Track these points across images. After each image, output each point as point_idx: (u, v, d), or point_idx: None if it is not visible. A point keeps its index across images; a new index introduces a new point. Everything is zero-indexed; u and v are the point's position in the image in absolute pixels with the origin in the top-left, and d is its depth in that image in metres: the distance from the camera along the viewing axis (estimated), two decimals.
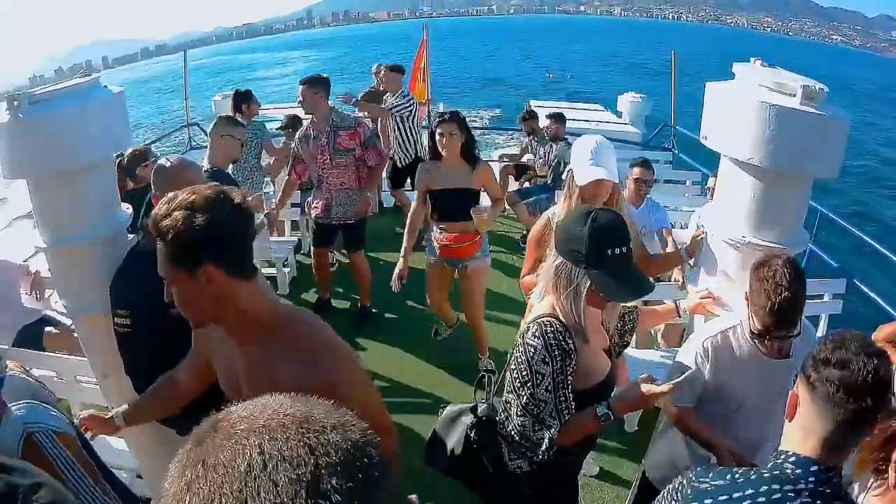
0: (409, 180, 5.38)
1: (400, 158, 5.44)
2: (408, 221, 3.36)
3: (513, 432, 1.59)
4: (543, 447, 1.53)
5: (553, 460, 1.56)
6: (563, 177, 2.38)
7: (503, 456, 1.67)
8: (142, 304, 1.83)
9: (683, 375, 1.59)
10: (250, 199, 3.66)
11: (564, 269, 1.48)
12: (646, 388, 1.51)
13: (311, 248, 4.23)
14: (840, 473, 1.08)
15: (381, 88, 5.79)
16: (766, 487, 1.05)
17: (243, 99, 4.89)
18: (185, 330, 1.70)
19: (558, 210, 2.29)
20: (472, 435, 1.74)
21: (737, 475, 1.12)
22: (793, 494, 1.03)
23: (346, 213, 3.86)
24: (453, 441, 1.84)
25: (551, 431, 1.52)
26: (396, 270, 3.26)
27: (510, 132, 9.82)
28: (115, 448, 2.49)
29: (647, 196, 3.78)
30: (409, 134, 5.32)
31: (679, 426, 1.89)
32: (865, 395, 1.03)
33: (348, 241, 4.03)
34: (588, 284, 1.45)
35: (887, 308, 3.56)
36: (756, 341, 1.75)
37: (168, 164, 2.06)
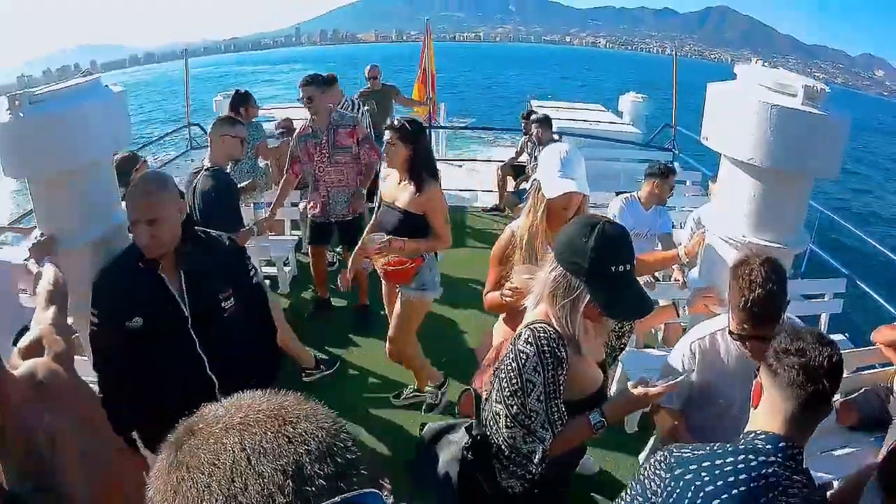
0: None
1: None
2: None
3: (502, 445, 1.50)
4: (536, 460, 1.45)
5: (545, 474, 1.49)
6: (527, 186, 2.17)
7: (496, 475, 1.56)
8: (105, 307, 1.79)
9: (681, 377, 1.57)
10: (245, 183, 3.63)
11: (563, 280, 1.40)
12: (640, 390, 1.49)
13: (309, 247, 4.24)
14: (802, 452, 1.20)
15: (370, 90, 5.83)
16: (743, 456, 1.17)
17: (241, 101, 4.74)
18: (148, 340, 1.72)
19: (521, 223, 2.11)
20: (468, 455, 1.61)
21: (715, 447, 1.23)
22: (766, 464, 1.15)
23: (343, 210, 3.90)
24: (442, 462, 1.70)
25: (544, 444, 1.44)
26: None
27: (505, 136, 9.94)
28: None
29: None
30: None
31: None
32: (822, 378, 1.16)
33: (346, 238, 4.04)
34: (587, 299, 1.38)
35: (887, 307, 3.56)
36: (738, 343, 1.72)
37: (143, 181, 1.81)
